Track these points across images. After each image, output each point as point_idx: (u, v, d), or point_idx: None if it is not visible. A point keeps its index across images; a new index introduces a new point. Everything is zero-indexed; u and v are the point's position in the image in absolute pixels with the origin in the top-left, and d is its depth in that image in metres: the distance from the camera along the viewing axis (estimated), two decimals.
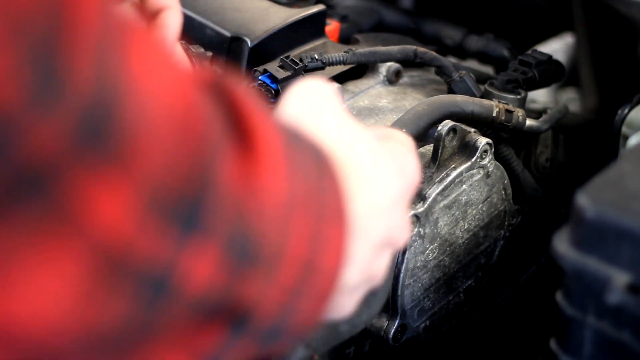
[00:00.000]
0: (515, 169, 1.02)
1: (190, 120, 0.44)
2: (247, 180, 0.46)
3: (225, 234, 0.46)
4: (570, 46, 1.37)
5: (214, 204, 0.45)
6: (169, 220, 0.43)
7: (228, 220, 0.46)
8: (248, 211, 0.47)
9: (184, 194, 0.43)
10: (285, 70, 0.96)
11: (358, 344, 0.95)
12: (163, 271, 0.44)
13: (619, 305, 0.66)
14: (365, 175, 0.58)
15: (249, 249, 0.47)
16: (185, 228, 0.44)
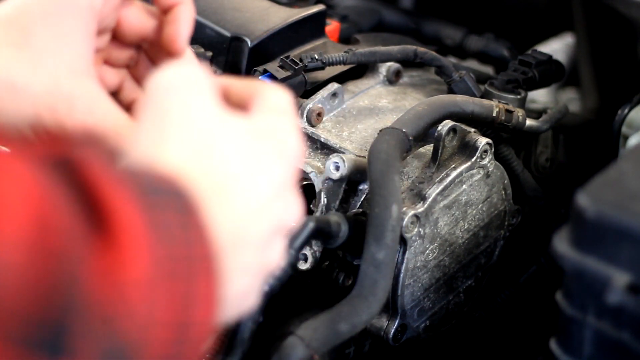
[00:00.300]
0: (515, 169, 1.02)
1: (45, 239, 0.42)
2: (112, 277, 0.44)
3: (96, 350, 0.44)
4: (570, 46, 1.37)
5: (80, 321, 0.43)
6: (32, 351, 0.41)
7: (97, 335, 0.44)
8: (117, 316, 0.45)
9: (45, 319, 0.41)
10: (285, 70, 0.96)
11: (358, 344, 0.95)
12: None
13: (619, 305, 0.66)
14: (232, 181, 0.54)
15: (124, 352, 0.45)
16: (51, 354, 0.42)
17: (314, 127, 0.96)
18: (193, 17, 0.75)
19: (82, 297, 0.43)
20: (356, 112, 0.99)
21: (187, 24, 0.74)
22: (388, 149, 0.86)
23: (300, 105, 0.97)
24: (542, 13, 1.44)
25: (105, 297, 0.44)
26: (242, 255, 0.55)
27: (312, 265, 0.90)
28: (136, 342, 0.46)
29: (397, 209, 0.82)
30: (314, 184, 0.91)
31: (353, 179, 0.90)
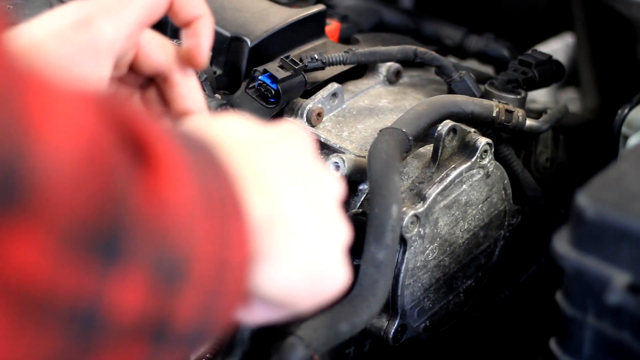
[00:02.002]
0: (515, 169, 1.02)
1: (97, 152, 0.44)
2: (155, 197, 0.47)
3: (149, 256, 0.46)
4: (570, 46, 1.37)
5: (133, 228, 0.45)
6: (89, 254, 0.43)
7: (149, 242, 0.46)
8: (164, 228, 0.47)
9: (99, 226, 0.44)
10: (285, 70, 0.96)
11: (358, 344, 0.95)
12: (90, 304, 0.44)
13: (619, 305, 0.66)
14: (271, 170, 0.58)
15: (174, 266, 0.48)
16: (106, 258, 0.44)
17: (313, 127, 0.96)
18: (213, 30, 0.75)
19: (132, 209, 0.45)
20: (356, 112, 0.99)
21: (208, 38, 0.74)
22: (388, 149, 0.86)
23: (300, 105, 0.97)
24: (542, 13, 1.44)
25: (154, 211, 0.46)
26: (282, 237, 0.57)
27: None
28: (184, 255, 0.48)
29: (397, 209, 0.82)
30: None
31: (353, 179, 0.90)
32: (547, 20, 1.42)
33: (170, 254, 0.47)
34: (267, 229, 0.55)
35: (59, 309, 0.43)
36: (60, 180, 0.42)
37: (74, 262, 0.43)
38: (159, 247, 0.47)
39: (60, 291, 0.43)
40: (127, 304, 0.45)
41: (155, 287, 0.47)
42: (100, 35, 0.67)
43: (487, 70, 1.21)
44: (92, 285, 0.44)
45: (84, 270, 0.43)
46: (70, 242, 0.43)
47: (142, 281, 0.46)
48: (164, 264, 0.47)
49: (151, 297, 0.46)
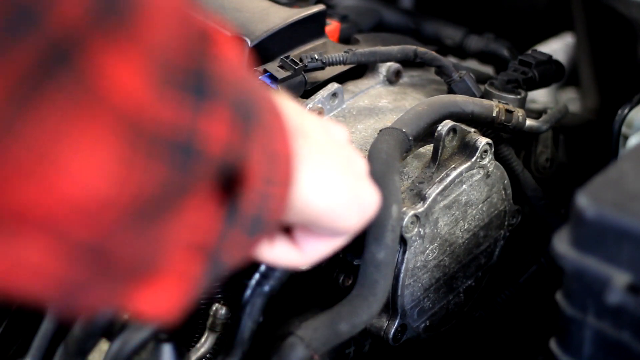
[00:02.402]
0: (515, 169, 1.02)
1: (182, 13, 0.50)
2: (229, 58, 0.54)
3: (229, 96, 0.52)
4: (570, 46, 1.37)
5: (215, 72, 0.51)
6: (182, 90, 0.48)
7: (229, 84, 0.52)
8: (239, 78, 0.54)
9: (189, 65, 0.49)
10: (285, 70, 0.96)
11: (358, 344, 0.95)
12: (187, 136, 0.49)
13: (619, 305, 0.66)
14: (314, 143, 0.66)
15: (248, 109, 0.54)
16: (197, 96, 0.50)
17: None
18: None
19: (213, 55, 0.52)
20: (356, 112, 0.99)
21: None
22: (388, 149, 0.86)
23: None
24: (542, 13, 1.44)
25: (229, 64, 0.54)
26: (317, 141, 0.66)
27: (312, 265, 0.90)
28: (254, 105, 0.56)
29: (397, 209, 0.82)
30: None
31: None
32: (547, 20, 1.42)
33: (245, 98, 0.54)
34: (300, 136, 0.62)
35: (164, 138, 0.48)
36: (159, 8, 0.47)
37: (172, 96, 0.48)
38: (237, 90, 0.53)
39: (163, 121, 0.48)
40: (216, 136, 0.51)
41: (236, 124, 0.53)
42: None
43: (487, 70, 1.21)
44: (188, 118, 0.49)
45: (181, 105, 0.48)
46: (167, 77, 0.47)
47: (225, 117, 0.52)
48: (242, 105, 0.54)
49: (233, 131, 0.53)
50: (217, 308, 0.89)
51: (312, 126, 0.67)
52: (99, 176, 0.45)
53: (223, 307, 0.89)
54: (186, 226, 0.52)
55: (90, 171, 0.45)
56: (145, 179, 0.47)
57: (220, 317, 0.89)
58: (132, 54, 0.45)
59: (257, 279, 0.81)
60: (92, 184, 0.45)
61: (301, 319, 0.85)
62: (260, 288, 0.81)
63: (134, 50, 0.45)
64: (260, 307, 0.81)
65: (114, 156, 0.45)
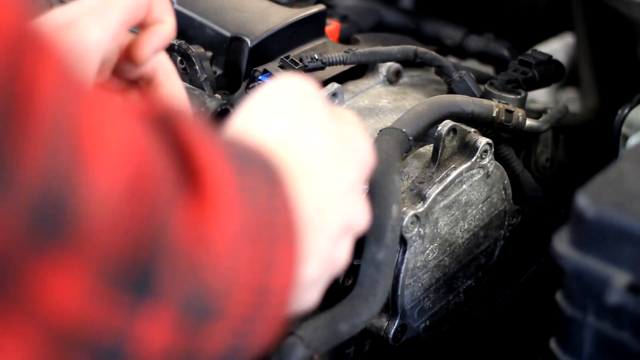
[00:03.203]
0: (515, 169, 1.02)
1: (141, 185, 0.43)
2: (199, 230, 0.46)
3: (180, 295, 0.45)
4: (570, 46, 1.37)
5: (167, 266, 0.45)
6: (121, 289, 0.43)
7: (181, 280, 0.45)
8: (202, 266, 0.46)
9: (135, 261, 0.43)
10: (285, 70, 0.96)
11: (358, 344, 0.95)
12: (116, 340, 0.44)
13: (619, 305, 0.66)
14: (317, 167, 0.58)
15: (205, 304, 0.47)
16: (137, 294, 0.44)
17: None
18: (170, 38, 0.74)
19: (170, 244, 0.45)
20: (356, 112, 0.99)
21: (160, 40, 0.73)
22: (388, 149, 0.86)
23: None
24: (542, 13, 1.44)
25: (192, 247, 0.46)
26: (317, 241, 0.57)
27: None
28: (219, 293, 0.48)
29: (397, 209, 0.82)
30: None
31: None
32: (547, 20, 1.42)
33: (204, 291, 0.47)
34: (309, 231, 0.56)
35: (85, 343, 0.43)
36: (102, 215, 0.42)
37: (106, 297, 0.42)
38: (193, 284, 0.46)
39: (88, 325, 0.42)
40: (153, 341, 0.45)
41: (183, 325, 0.46)
42: (86, 35, 0.67)
43: (487, 70, 1.21)
44: (120, 321, 0.43)
45: (115, 305, 0.43)
46: (105, 277, 0.42)
47: (170, 319, 0.45)
48: (195, 302, 0.46)
49: (177, 335, 0.46)
50: None
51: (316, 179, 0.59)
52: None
53: None
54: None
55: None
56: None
57: None
58: (69, 266, 0.41)
59: None
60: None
61: (301, 319, 0.85)
62: None
63: (72, 262, 0.41)
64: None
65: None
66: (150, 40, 0.72)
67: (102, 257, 0.42)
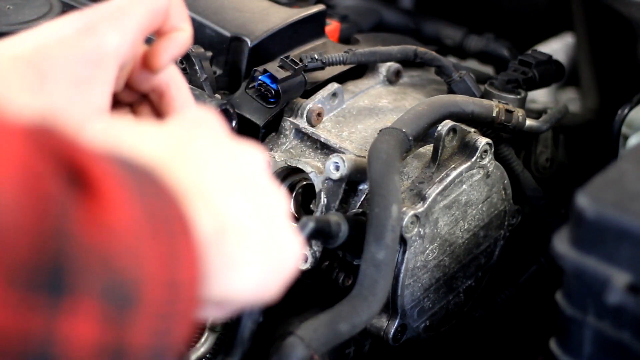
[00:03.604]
0: (515, 169, 1.02)
1: (30, 185, 0.43)
2: (97, 223, 0.45)
3: (96, 285, 0.45)
4: (570, 46, 1.37)
5: (76, 260, 0.44)
6: (34, 293, 0.42)
7: (94, 271, 0.45)
8: (110, 253, 0.46)
9: (42, 262, 0.42)
10: (285, 70, 0.96)
11: (358, 344, 0.95)
12: (42, 345, 0.42)
13: (619, 305, 0.66)
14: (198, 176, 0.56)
15: (124, 292, 0.46)
16: (53, 294, 0.43)
17: (314, 127, 0.96)
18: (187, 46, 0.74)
19: (74, 238, 0.44)
20: (356, 112, 0.99)
21: (177, 47, 0.72)
22: (388, 149, 0.86)
23: (300, 105, 0.97)
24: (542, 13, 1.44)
25: (97, 238, 0.45)
26: (229, 243, 0.56)
27: (312, 265, 0.90)
28: (133, 281, 0.47)
29: (397, 209, 0.82)
30: (314, 184, 0.92)
31: (353, 179, 0.90)
32: (547, 20, 1.42)
33: (119, 280, 0.46)
34: (217, 240, 0.54)
35: (10, 354, 0.41)
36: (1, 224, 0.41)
37: (19, 303, 0.41)
38: (106, 274, 0.45)
39: (8, 335, 0.41)
40: (81, 338, 0.44)
41: (108, 316, 0.45)
42: (105, 40, 0.66)
43: (487, 70, 1.21)
44: (41, 324, 0.42)
45: (31, 310, 0.42)
46: (13, 282, 0.41)
47: (93, 312, 0.44)
48: (114, 291, 0.46)
49: (104, 326, 0.45)
50: None
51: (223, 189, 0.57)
52: None
53: None
54: None
55: None
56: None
57: None
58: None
59: None
60: None
61: (301, 319, 0.85)
62: None
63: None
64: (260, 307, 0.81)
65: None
66: (168, 48, 0.72)
67: (8, 263, 0.41)
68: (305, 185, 0.95)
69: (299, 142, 0.97)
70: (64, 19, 0.67)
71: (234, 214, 0.56)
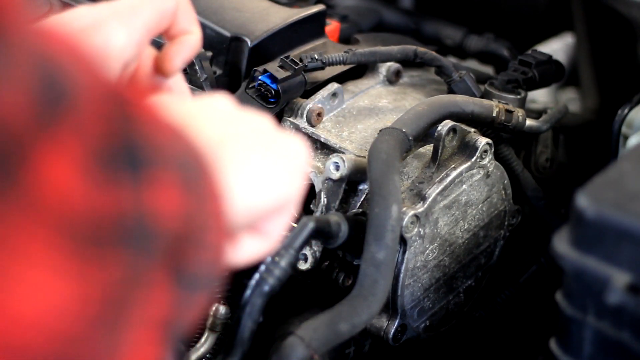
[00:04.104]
0: (515, 169, 1.02)
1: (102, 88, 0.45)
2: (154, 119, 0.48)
3: (169, 159, 0.47)
4: (570, 46, 1.37)
5: (144, 139, 0.46)
6: (115, 170, 0.44)
7: (167, 150, 0.47)
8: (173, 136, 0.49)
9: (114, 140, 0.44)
10: (285, 70, 0.96)
11: (358, 344, 0.95)
12: (135, 216, 0.44)
13: (619, 305, 0.66)
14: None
15: (193, 165, 0.49)
16: (133, 169, 0.45)
17: (314, 127, 0.96)
18: (197, 49, 0.74)
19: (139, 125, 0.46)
20: (356, 112, 0.99)
21: (187, 51, 0.73)
22: (388, 149, 0.86)
23: (300, 105, 0.97)
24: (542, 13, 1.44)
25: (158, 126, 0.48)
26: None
27: (312, 265, 0.90)
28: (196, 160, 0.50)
29: (397, 209, 0.82)
30: (314, 184, 0.92)
31: (353, 179, 0.90)
32: (547, 20, 1.42)
33: (188, 156, 0.49)
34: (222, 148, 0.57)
35: (110, 231, 0.43)
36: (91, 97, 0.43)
37: (106, 179, 0.43)
38: (175, 151, 0.48)
39: (104, 210, 0.43)
40: (167, 207, 0.46)
41: (186, 185, 0.48)
42: (111, 39, 0.66)
43: (487, 70, 1.21)
44: (130, 199, 0.44)
45: (118, 187, 0.43)
46: (99, 158, 0.43)
47: (172, 182, 0.47)
48: (187, 164, 0.49)
49: (186, 195, 0.47)
50: (217, 308, 0.89)
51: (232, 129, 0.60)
52: (52, 292, 0.41)
53: (223, 307, 0.89)
54: (147, 309, 0.47)
55: (42, 290, 0.41)
56: (103, 282, 0.43)
57: (220, 317, 0.89)
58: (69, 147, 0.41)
59: (257, 279, 0.81)
60: (47, 302, 0.41)
61: (301, 319, 0.85)
62: (260, 288, 0.81)
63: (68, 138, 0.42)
64: (260, 307, 0.81)
65: (64, 269, 0.41)
66: (179, 52, 0.72)
67: (96, 139, 0.43)
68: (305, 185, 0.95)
69: None
70: (70, 13, 0.67)
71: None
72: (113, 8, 0.68)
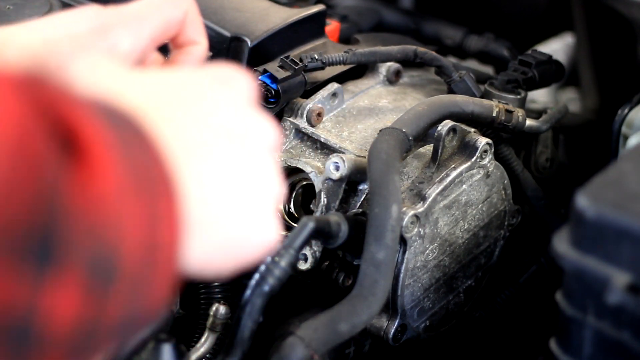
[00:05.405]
0: (515, 169, 1.02)
1: (25, 145, 0.41)
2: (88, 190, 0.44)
3: (83, 258, 0.43)
4: (570, 46, 1.37)
5: (65, 229, 0.42)
6: (21, 260, 0.40)
7: (82, 242, 0.43)
8: (97, 223, 0.44)
9: (31, 228, 0.41)
10: (285, 70, 0.96)
11: (358, 344, 0.95)
12: (24, 316, 0.41)
13: (619, 305, 0.66)
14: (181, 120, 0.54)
15: (107, 265, 0.45)
16: (39, 263, 0.41)
17: (314, 127, 0.96)
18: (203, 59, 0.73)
19: (63, 206, 0.42)
20: (356, 112, 0.99)
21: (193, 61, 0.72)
22: (388, 149, 0.86)
23: (300, 105, 0.97)
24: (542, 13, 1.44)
25: (84, 207, 0.44)
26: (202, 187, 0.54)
27: (312, 265, 0.90)
28: (116, 251, 0.45)
29: (397, 209, 0.82)
30: (313, 184, 0.92)
31: (353, 179, 0.90)
32: (547, 20, 1.42)
33: (103, 251, 0.45)
34: (200, 200, 0.52)
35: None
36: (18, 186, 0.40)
37: (7, 271, 0.40)
38: (93, 245, 0.44)
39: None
40: (62, 312, 0.43)
41: (90, 290, 0.44)
42: (117, 44, 0.66)
43: (487, 70, 1.21)
44: (26, 294, 0.41)
45: (17, 278, 0.40)
46: (2, 250, 0.40)
47: (77, 285, 0.43)
48: (98, 264, 0.44)
49: (86, 301, 0.44)
50: (217, 308, 0.89)
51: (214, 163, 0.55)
52: None
53: (223, 307, 0.89)
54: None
55: None
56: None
57: (220, 317, 0.89)
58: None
59: (257, 279, 0.81)
60: None
61: (301, 319, 0.85)
62: (260, 288, 0.81)
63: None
64: (260, 307, 0.81)
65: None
66: (185, 62, 0.72)
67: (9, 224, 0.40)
68: (305, 185, 0.95)
69: (299, 142, 0.97)
70: (77, 14, 0.66)
71: (214, 180, 0.53)
72: (120, 14, 0.67)
